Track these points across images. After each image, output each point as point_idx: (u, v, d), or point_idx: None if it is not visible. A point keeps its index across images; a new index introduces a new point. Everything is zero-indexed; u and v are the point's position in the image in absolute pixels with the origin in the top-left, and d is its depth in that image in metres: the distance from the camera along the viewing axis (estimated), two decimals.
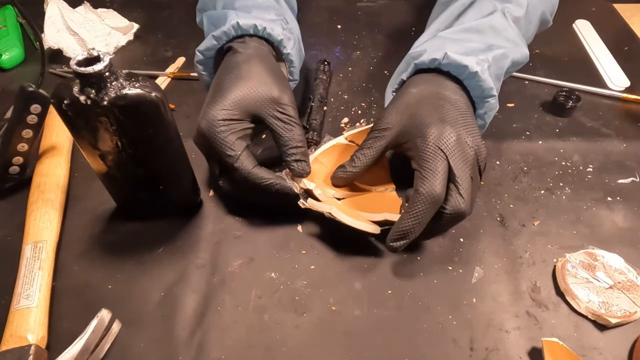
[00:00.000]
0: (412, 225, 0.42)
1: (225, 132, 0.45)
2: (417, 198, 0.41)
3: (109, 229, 0.50)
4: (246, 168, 0.45)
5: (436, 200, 0.41)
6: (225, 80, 0.48)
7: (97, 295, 0.44)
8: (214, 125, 0.45)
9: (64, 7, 0.73)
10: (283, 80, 0.50)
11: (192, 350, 0.41)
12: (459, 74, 0.47)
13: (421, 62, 0.49)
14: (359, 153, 0.48)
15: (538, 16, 0.58)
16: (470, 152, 0.43)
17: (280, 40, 0.52)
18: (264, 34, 0.52)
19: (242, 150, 0.45)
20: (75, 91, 0.38)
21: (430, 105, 0.45)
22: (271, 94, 0.47)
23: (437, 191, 0.41)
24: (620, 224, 0.51)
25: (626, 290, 0.44)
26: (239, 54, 0.50)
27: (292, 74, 0.56)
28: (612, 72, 0.70)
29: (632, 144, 0.60)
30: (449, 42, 0.49)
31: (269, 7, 0.55)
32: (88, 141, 0.41)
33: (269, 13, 0.54)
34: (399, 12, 0.85)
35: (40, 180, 0.51)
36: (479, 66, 0.46)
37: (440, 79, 0.48)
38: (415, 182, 0.42)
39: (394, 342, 0.41)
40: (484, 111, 0.49)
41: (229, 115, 0.45)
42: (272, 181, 0.46)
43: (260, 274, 0.46)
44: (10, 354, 0.37)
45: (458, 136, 0.43)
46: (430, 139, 0.42)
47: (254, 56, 0.50)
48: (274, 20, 0.54)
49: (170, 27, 0.80)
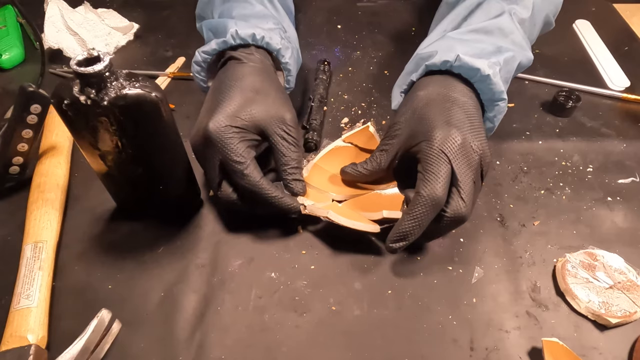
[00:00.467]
0: (411, 227, 0.42)
1: (236, 138, 0.44)
2: (418, 200, 0.41)
3: (109, 229, 0.50)
4: (254, 177, 0.45)
5: (437, 203, 0.41)
6: (232, 88, 0.47)
7: (97, 295, 0.44)
8: (224, 130, 0.44)
9: (64, 7, 0.73)
10: (288, 99, 0.51)
11: (192, 350, 0.41)
12: (470, 77, 0.47)
13: (432, 64, 0.48)
14: (372, 156, 0.49)
15: (542, 18, 0.58)
16: (475, 157, 0.43)
17: (279, 49, 0.53)
18: (263, 43, 0.52)
19: (251, 159, 0.45)
20: (76, 91, 0.38)
21: (437, 108, 0.45)
22: (281, 114, 0.47)
23: (438, 194, 0.41)
24: (620, 224, 0.51)
25: (626, 290, 0.44)
26: (245, 64, 0.50)
27: (289, 82, 0.56)
28: (612, 72, 0.70)
29: (632, 144, 0.60)
30: (458, 43, 0.49)
31: (267, 15, 0.55)
32: (88, 141, 0.41)
33: (267, 22, 0.54)
34: (399, 12, 0.85)
35: (40, 180, 0.51)
36: (490, 69, 0.46)
37: (450, 80, 0.48)
38: (418, 184, 0.42)
39: (394, 342, 0.41)
40: (494, 114, 0.49)
41: (241, 124, 0.45)
42: (278, 195, 0.46)
43: (260, 274, 0.46)
44: (10, 354, 0.38)
45: (463, 140, 0.42)
46: (435, 142, 0.42)
47: (262, 71, 0.50)
48: (272, 29, 0.54)
49: (170, 27, 0.80)
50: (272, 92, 0.49)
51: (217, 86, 0.49)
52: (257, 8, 0.55)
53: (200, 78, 0.54)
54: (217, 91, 0.48)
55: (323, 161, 0.54)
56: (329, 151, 0.55)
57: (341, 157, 0.54)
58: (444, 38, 0.51)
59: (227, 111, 0.45)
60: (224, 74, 0.50)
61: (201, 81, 0.55)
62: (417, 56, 0.52)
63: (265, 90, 0.48)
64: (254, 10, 0.55)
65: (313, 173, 0.53)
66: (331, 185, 0.52)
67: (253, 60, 0.51)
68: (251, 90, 0.47)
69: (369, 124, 0.56)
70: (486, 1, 0.54)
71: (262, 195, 0.45)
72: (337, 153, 0.55)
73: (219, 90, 0.48)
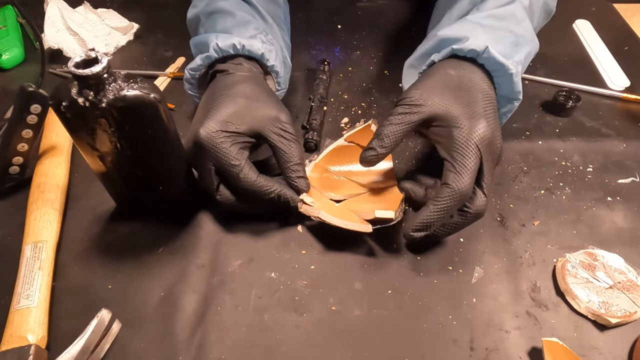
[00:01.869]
0: (436, 218, 0.41)
1: (227, 142, 0.45)
2: (447, 192, 0.40)
3: (108, 229, 0.50)
4: (251, 178, 0.45)
5: (463, 197, 0.40)
6: (222, 97, 0.47)
7: (97, 295, 0.44)
8: (215, 135, 0.44)
9: (64, 7, 0.73)
10: (280, 102, 0.51)
11: (192, 350, 0.41)
12: (493, 70, 0.47)
13: (459, 49, 0.47)
14: (386, 130, 0.44)
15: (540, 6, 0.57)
16: (498, 153, 0.42)
17: (262, 54, 0.52)
18: (244, 52, 0.52)
19: (245, 160, 0.45)
20: (74, 93, 0.37)
21: (470, 95, 0.43)
22: (272, 113, 0.47)
23: (466, 188, 0.40)
24: (620, 224, 0.51)
25: (626, 290, 0.44)
26: (233, 74, 0.50)
27: (279, 83, 0.56)
28: (612, 72, 0.70)
29: (632, 144, 0.60)
30: (480, 29, 0.48)
31: (248, 22, 0.55)
32: (87, 142, 0.41)
33: (248, 29, 0.54)
34: (399, 12, 0.85)
35: (40, 180, 0.51)
36: (514, 68, 0.46)
37: (478, 70, 0.47)
38: (446, 174, 0.41)
39: (394, 342, 0.41)
40: (506, 110, 0.49)
41: (230, 127, 0.45)
42: (277, 189, 0.46)
43: (260, 274, 0.46)
44: (10, 354, 0.38)
45: (492, 135, 0.42)
46: (469, 133, 0.41)
47: (251, 79, 0.50)
48: (253, 35, 0.53)
49: (170, 27, 0.80)
50: (262, 97, 0.49)
51: (207, 97, 0.50)
52: (238, 17, 0.55)
53: (193, 94, 0.55)
54: (208, 101, 0.48)
55: (325, 161, 0.54)
56: (331, 151, 0.55)
57: (343, 157, 0.54)
58: (464, 22, 0.50)
59: (218, 117, 0.45)
60: (214, 85, 0.50)
61: (195, 97, 0.56)
62: (438, 37, 0.50)
63: (255, 96, 0.48)
64: (235, 20, 0.55)
65: (314, 173, 0.53)
66: (331, 186, 0.52)
67: (241, 70, 0.51)
68: (242, 97, 0.47)
69: (371, 122, 0.56)
70: None
71: (262, 193, 0.45)
72: (339, 153, 0.55)
73: (210, 100, 0.48)
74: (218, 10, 0.56)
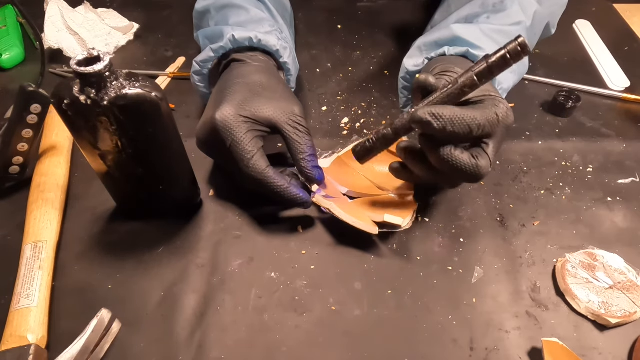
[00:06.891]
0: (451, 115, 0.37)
1: (244, 128, 0.45)
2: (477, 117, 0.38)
3: (109, 229, 0.50)
4: (260, 166, 0.45)
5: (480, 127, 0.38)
6: (239, 84, 0.48)
7: (97, 295, 0.44)
8: (233, 118, 0.44)
9: (64, 7, 0.73)
10: (294, 95, 0.51)
11: (192, 350, 0.41)
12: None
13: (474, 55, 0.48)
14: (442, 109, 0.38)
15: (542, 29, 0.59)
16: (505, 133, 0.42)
17: (277, 50, 0.53)
18: (260, 46, 0.52)
19: (259, 149, 0.45)
20: (76, 91, 0.38)
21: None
22: (287, 105, 0.47)
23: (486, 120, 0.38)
24: (620, 224, 0.51)
25: (626, 291, 0.44)
26: (249, 64, 0.51)
27: (289, 81, 0.56)
28: (612, 72, 0.70)
29: (632, 144, 0.60)
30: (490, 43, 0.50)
31: (263, 19, 0.56)
32: (88, 141, 0.41)
33: (263, 26, 0.55)
34: (399, 12, 0.85)
35: (40, 180, 0.51)
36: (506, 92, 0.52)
37: None
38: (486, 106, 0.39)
39: (394, 342, 0.41)
40: None
41: (250, 114, 0.45)
42: (284, 185, 0.46)
43: (260, 274, 0.46)
44: (10, 353, 0.38)
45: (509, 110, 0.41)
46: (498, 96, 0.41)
47: (267, 70, 0.51)
48: (269, 32, 0.54)
49: (170, 27, 0.80)
50: (278, 88, 0.49)
51: (221, 85, 0.50)
52: (252, 13, 0.55)
53: (202, 87, 0.55)
54: (224, 88, 0.48)
55: (348, 155, 0.54)
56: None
57: None
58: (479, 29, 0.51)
59: (234, 102, 0.46)
60: (228, 74, 0.50)
61: (203, 88, 0.55)
62: (453, 31, 0.50)
63: (272, 87, 0.49)
64: (249, 16, 0.55)
65: (334, 166, 0.53)
66: (348, 181, 0.52)
67: (257, 61, 0.51)
68: (259, 86, 0.48)
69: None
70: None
71: (267, 185, 0.45)
72: None
73: (226, 86, 0.48)
74: (231, 4, 0.56)
